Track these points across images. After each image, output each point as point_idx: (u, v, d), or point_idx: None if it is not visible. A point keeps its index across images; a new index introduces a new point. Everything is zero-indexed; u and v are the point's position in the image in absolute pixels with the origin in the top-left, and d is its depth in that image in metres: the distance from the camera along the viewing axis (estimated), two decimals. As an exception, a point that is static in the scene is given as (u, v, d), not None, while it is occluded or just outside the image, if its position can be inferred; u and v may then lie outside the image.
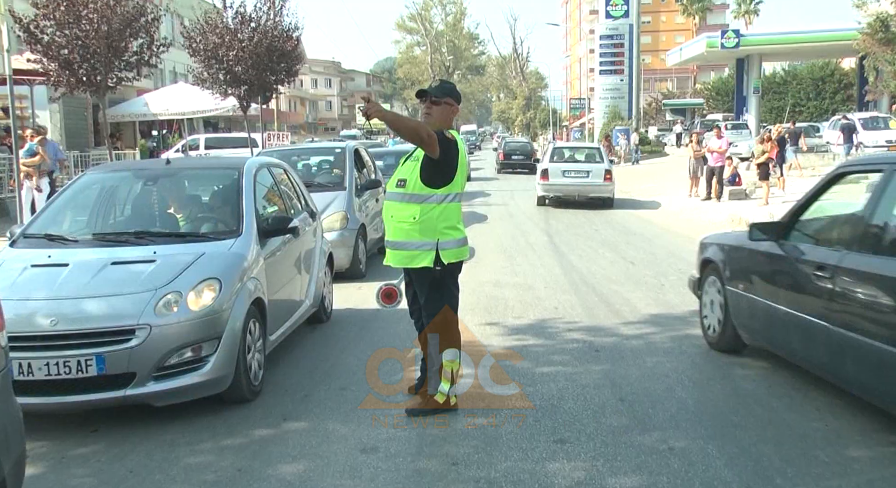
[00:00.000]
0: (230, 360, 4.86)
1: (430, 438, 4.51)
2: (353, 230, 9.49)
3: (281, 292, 5.97)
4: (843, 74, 48.35)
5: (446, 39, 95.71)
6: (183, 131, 29.92)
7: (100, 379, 4.55)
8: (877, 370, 4.15)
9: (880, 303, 4.17)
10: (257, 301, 5.29)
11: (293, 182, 7.33)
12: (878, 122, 29.40)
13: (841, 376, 4.61)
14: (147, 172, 6.68)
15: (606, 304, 7.94)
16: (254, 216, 5.71)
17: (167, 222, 6.06)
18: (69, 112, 27.04)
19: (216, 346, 4.80)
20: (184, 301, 4.77)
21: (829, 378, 4.82)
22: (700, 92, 61.40)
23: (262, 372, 5.38)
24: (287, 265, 6.30)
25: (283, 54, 22.85)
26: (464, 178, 4.85)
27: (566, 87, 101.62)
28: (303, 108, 77.73)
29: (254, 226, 5.63)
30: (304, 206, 7.27)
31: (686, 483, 3.84)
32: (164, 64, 32.47)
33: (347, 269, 9.38)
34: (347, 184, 10.09)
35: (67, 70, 17.07)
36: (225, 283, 4.96)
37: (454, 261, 4.78)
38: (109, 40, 16.96)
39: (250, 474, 4.08)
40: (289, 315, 6.24)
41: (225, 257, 5.25)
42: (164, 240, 5.49)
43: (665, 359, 6.00)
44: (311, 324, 7.07)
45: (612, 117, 43.45)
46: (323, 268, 7.25)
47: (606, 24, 46.06)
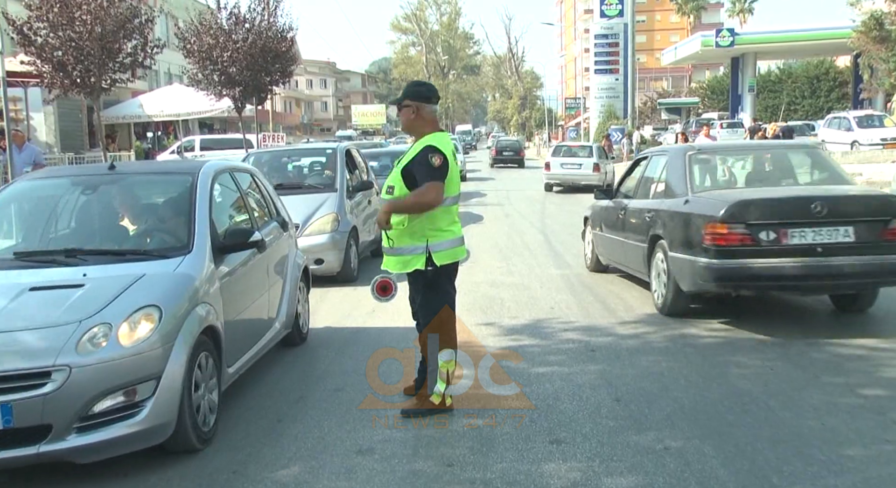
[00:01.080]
0: (172, 404, 4.08)
1: (426, 439, 4.50)
2: (344, 232, 9.28)
3: (244, 315, 5.27)
4: (838, 72, 48.36)
5: (441, 39, 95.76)
6: (178, 133, 29.88)
7: (6, 434, 3.75)
8: (633, 253, 8.10)
9: (638, 221, 8.01)
10: (210, 329, 4.54)
11: (262, 188, 6.58)
12: (873, 119, 29.42)
13: (625, 264, 8.59)
14: (86, 179, 5.77)
15: (602, 304, 7.93)
16: (208, 229, 4.93)
17: (105, 238, 5.20)
18: (64, 114, 27.00)
19: (154, 388, 4.01)
20: (114, 335, 3.98)
21: (623, 268, 8.74)
22: (695, 91, 61.39)
23: (214, 417, 4.58)
24: (251, 283, 5.54)
25: (278, 55, 22.87)
26: (454, 182, 4.81)
27: (561, 87, 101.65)
28: (298, 109, 77.70)
29: (207, 240, 4.86)
30: (274, 215, 6.56)
31: (682, 482, 3.83)
32: (159, 65, 32.46)
33: (339, 273, 9.21)
34: (339, 186, 9.87)
35: (61, 72, 17.06)
36: (167, 311, 4.19)
37: (447, 262, 4.77)
38: (103, 42, 16.96)
39: (245, 476, 4.06)
40: (254, 340, 5.51)
41: (169, 279, 4.49)
42: (99, 259, 4.67)
43: (661, 358, 5.99)
44: (285, 346, 6.39)
45: (608, 116, 43.48)
46: (297, 283, 6.51)
47: (601, 24, 46.07)
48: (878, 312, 7.21)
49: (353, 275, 9.49)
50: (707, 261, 6.46)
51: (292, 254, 6.66)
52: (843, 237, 6.33)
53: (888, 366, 5.65)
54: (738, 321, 7.00)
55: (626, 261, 8.48)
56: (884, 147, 26.32)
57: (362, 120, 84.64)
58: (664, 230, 7.26)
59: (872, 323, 7.00)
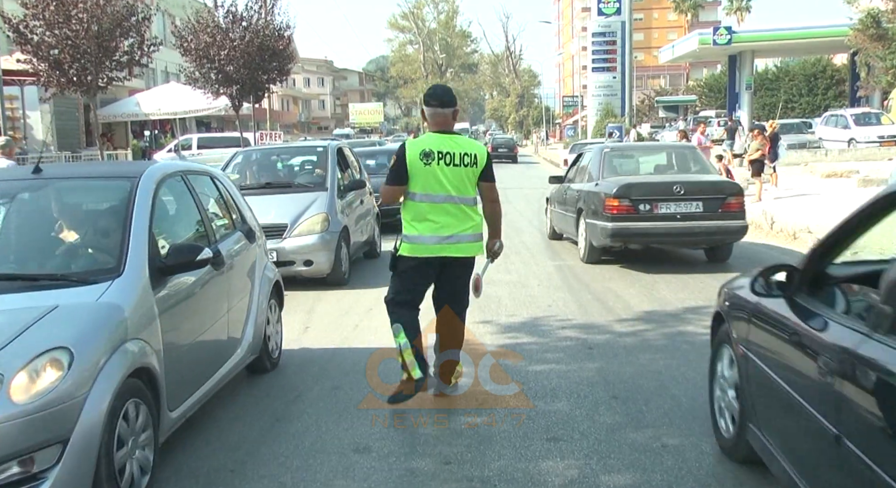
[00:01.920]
0: (85, 471, 3.24)
1: (424, 437, 4.50)
2: (334, 233, 8.94)
3: (195, 346, 4.51)
4: (835, 70, 48.41)
5: (439, 37, 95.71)
6: (175, 131, 29.86)
7: None
8: (569, 222, 10.91)
9: (572, 198, 10.35)
10: (143, 371, 3.71)
11: (224, 193, 5.72)
12: (870, 117, 29.49)
13: (566, 230, 11.30)
14: (3, 187, 4.81)
15: (600, 302, 7.94)
16: (146, 246, 4.08)
17: (17, 259, 4.33)
18: (60, 112, 26.97)
19: (59, 455, 3.18)
20: (5, 389, 3.14)
21: (566, 234, 11.47)
22: (693, 89, 61.42)
23: (147, 479, 3.72)
24: (206, 307, 4.74)
25: (275, 53, 22.87)
26: (418, 180, 4.90)
27: (559, 85, 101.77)
28: (296, 107, 77.64)
29: (145, 260, 4.02)
30: (239, 224, 5.73)
31: (679, 480, 3.83)
32: (156, 63, 32.42)
33: (329, 275, 8.93)
34: (329, 185, 9.55)
35: (58, 70, 17.03)
36: (80, 354, 3.35)
37: (406, 254, 4.98)
38: (100, 40, 16.93)
39: (243, 475, 4.06)
40: (209, 373, 4.71)
41: (88, 311, 3.65)
42: (2, 287, 3.79)
43: (658, 356, 5.99)
44: (251, 373, 5.72)
45: (605, 114, 43.49)
46: (266, 301, 5.73)
47: (599, 22, 46.12)
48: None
49: (344, 278, 9.19)
50: (605, 224, 9.36)
51: (261, 267, 5.86)
52: (694, 209, 9.33)
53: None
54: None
55: (567, 228, 11.30)
56: (880, 144, 26.37)
57: (360, 118, 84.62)
58: (584, 204, 10.12)
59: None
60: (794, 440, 3.18)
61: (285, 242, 8.71)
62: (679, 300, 7.82)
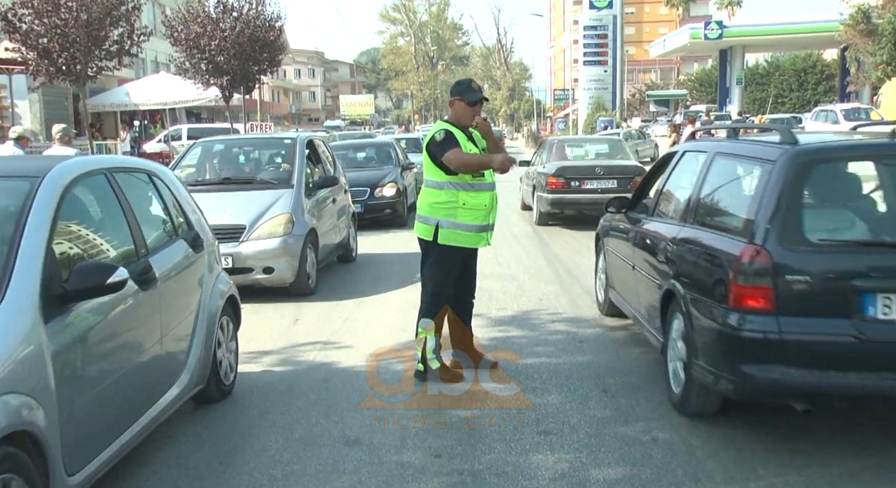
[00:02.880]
0: None
1: (414, 431, 4.50)
2: (299, 236, 7.91)
3: (112, 386, 3.60)
4: (825, 65, 48.61)
5: (430, 30, 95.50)
6: (165, 121, 29.68)
7: None
8: (530, 197, 14.46)
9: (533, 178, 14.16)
10: (21, 436, 2.85)
11: (166, 194, 4.86)
12: (860, 112, 29.58)
13: (530, 203, 14.40)
14: None
15: (590, 295, 7.92)
16: (40, 267, 3.20)
17: None
18: (49, 102, 26.77)
19: None
20: None
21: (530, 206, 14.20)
22: (683, 83, 61.52)
23: None
24: (128, 337, 3.88)
25: (266, 44, 22.73)
26: None
27: (550, 78, 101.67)
28: (286, 99, 77.41)
29: (36, 286, 3.14)
30: (183, 231, 4.90)
31: (669, 474, 3.84)
32: (146, 53, 32.22)
33: (292, 284, 7.93)
34: (296, 182, 8.45)
35: (46, 59, 16.88)
36: None
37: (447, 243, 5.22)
38: (89, 29, 16.78)
39: (232, 467, 4.05)
40: (132, 417, 3.83)
41: None
42: None
43: (648, 350, 5.98)
44: (199, 404, 4.96)
45: (597, 108, 43.52)
46: (216, 321, 4.92)
47: (590, 15, 46.09)
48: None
49: (311, 288, 8.13)
50: (548, 195, 12.90)
51: (210, 279, 5.05)
52: (610, 185, 12.48)
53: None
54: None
55: (528, 199, 14.50)
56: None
57: (350, 110, 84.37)
58: (536, 181, 13.51)
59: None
60: (621, 283, 6.18)
61: (242, 246, 7.64)
62: (669, 294, 7.84)
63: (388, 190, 13.48)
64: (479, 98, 5.28)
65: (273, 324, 7.06)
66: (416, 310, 5.49)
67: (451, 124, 5.27)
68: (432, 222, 5.17)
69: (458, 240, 5.19)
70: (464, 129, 5.25)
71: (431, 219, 5.19)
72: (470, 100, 5.24)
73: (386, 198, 13.41)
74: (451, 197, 5.14)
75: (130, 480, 3.93)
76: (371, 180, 13.48)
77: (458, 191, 5.13)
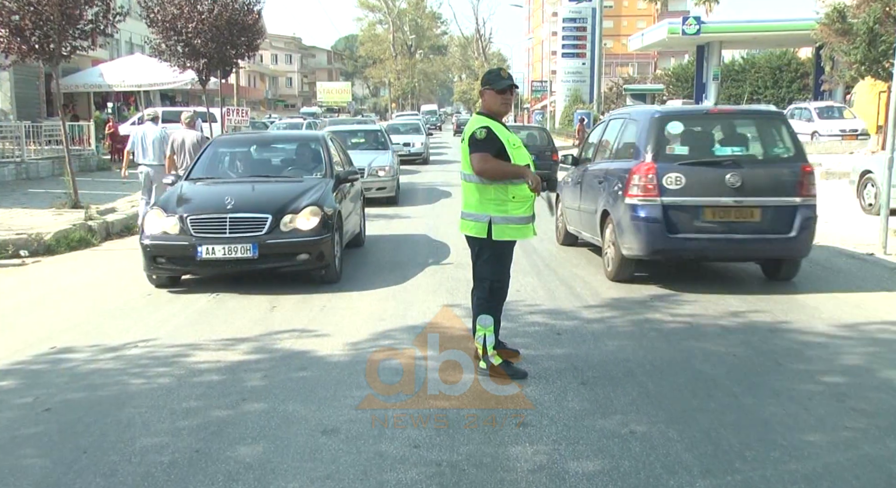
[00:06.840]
0: None
1: (392, 421, 4.47)
2: None
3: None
4: (800, 64, 48.94)
5: (409, 18, 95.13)
6: (139, 104, 29.28)
7: None
8: None
9: None
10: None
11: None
12: (833, 111, 29.94)
13: None
14: None
15: (567, 287, 7.96)
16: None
17: None
18: (20, 80, 26.29)
19: None
20: None
21: None
22: (660, 78, 61.74)
23: None
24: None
25: (244, 28, 22.42)
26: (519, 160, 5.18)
27: (528, 70, 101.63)
28: (262, 84, 76.70)
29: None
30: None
31: (647, 466, 3.85)
32: (121, 34, 31.74)
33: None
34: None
35: (19, 37, 16.52)
36: None
37: (504, 238, 5.27)
38: (63, 7, 16.43)
39: (208, 455, 4.00)
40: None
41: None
42: None
43: (626, 342, 6.02)
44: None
45: (574, 100, 43.60)
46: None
47: (570, 8, 46.16)
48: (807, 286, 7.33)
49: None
50: None
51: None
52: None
53: (846, 354, 5.75)
54: (702, 307, 7.08)
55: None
56: (842, 138, 26.77)
57: (327, 97, 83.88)
58: None
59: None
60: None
61: None
62: (646, 287, 7.87)
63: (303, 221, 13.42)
64: (507, 85, 5.21)
65: (250, 313, 7.00)
66: (394, 298, 5.46)
67: (487, 117, 5.21)
68: (484, 219, 5.14)
69: (512, 233, 5.20)
70: (499, 119, 5.25)
71: (483, 215, 5.16)
72: (498, 88, 5.18)
73: None
74: (499, 192, 5.11)
75: (104, 467, 3.87)
76: None
77: (507, 185, 5.10)
